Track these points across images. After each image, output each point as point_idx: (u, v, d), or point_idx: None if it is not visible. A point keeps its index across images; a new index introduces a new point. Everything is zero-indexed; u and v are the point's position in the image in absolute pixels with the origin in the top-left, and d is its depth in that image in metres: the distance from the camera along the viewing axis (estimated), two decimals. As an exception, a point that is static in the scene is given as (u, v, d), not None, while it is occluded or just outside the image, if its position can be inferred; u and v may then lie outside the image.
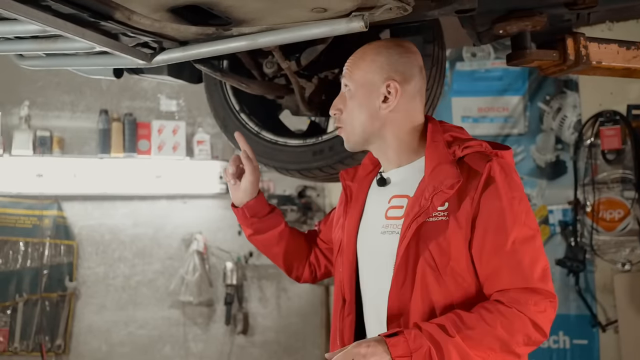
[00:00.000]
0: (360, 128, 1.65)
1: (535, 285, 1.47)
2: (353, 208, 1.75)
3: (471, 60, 4.61)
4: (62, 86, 4.43)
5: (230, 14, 1.52)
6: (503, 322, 1.43)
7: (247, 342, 4.87)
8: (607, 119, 4.08)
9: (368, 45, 1.69)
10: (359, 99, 1.65)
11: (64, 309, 4.29)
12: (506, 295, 1.46)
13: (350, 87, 1.67)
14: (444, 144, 1.60)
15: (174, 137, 4.61)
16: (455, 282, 1.51)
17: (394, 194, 1.65)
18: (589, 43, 1.91)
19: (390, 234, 1.60)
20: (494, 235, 1.49)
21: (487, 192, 1.50)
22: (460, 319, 1.44)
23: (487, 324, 1.43)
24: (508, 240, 1.48)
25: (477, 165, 1.53)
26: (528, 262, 1.48)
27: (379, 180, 1.71)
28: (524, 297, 1.45)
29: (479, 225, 1.50)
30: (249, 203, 1.88)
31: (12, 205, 4.20)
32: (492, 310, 1.45)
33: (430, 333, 1.41)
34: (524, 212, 1.52)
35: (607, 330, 4.00)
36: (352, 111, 1.66)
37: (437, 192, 1.51)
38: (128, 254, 4.58)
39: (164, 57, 1.76)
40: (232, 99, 2.40)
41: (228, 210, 4.84)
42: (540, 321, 1.45)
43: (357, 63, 1.66)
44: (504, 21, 1.79)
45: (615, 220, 4.06)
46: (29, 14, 1.38)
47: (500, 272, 1.48)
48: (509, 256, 1.48)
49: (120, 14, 1.50)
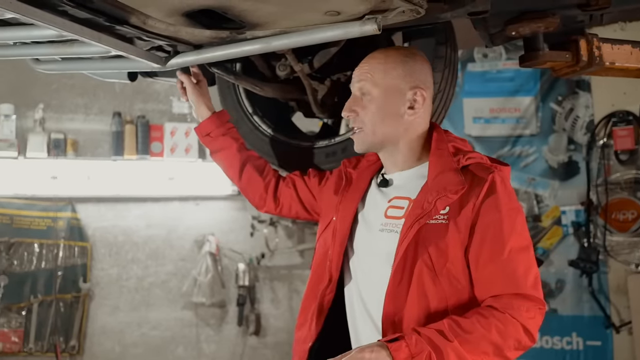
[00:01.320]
0: (381, 131, 1.69)
1: (528, 292, 1.53)
2: (351, 194, 1.79)
3: (483, 61, 4.60)
4: (76, 89, 4.47)
5: (244, 18, 1.53)
6: (498, 327, 1.49)
7: (259, 343, 4.88)
8: (620, 119, 4.06)
9: (386, 51, 1.73)
10: (382, 104, 1.68)
11: (78, 310, 4.32)
12: (500, 301, 1.52)
13: (371, 91, 1.68)
14: (448, 153, 1.66)
15: (186, 139, 4.63)
16: (450, 283, 1.56)
17: (395, 195, 1.71)
18: (602, 44, 1.90)
19: (389, 232, 1.66)
20: (491, 242, 1.55)
21: (488, 200, 1.57)
22: (457, 324, 1.49)
23: (483, 328, 1.48)
24: (505, 249, 1.54)
25: (480, 175, 1.60)
26: (522, 270, 1.55)
27: (381, 182, 1.75)
28: (516, 303, 1.51)
29: (478, 231, 1.56)
30: (201, 123, 2.13)
31: (27, 207, 4.24)
32: (487, 315, 1.50)
33: (429, 337, 1.46)
34: (520, 224, 1.60)
35: (621, 331, 3.99)
36: (374, 115, 1.68)
37: (441, 197, 1.57)
38: (141, 255, 4.61)
39: (178, 60, 1.78)
40: (245, 101, 2.41)
41: (240, 212, 4.91)
42: (531, 327, 1.52)
43: (379, 68, 1.69)
44: (516, 23, 1.78)
45: (628, 220, 4.04)
46: (47, 19, 1.40)
47: (495, 278, 1.55)
48: (505, 264, 1.54)
49: (135, 18, 1.52)
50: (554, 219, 4.32)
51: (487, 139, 4.59)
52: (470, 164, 1.64)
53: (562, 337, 4.22)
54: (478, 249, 1.56)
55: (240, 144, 2.11)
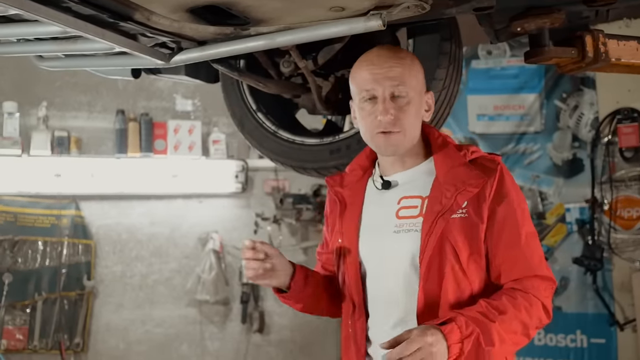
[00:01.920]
0: (414, 134, 1.71)
1: (543, 272, 1.65)
2: (349, 213, 1.78)
3: (487, 58, 4.59)
4: (79, 86, 4.47)
5: (249, 14, 1.53)
6: (526, 307, 1.58)
7: (263, 340, 4.88)
8: (625, 117, 4.04)
9: (408, 53, 1.77)
10: (417, 107, 1.70)
11: (82, 308, 4.32)
12: (521, 283, 1.62)
13: (409, 94, 1.67)
14: (453, 148, 1.72)
15: (189, 137, 4.63)
16: (476, 273, 1.63)
17: (403, 195, 1.71)
18: (607, 40, 1.89)
19: (406, 232, 1.66)
20: (509, 229, 1.64)
21: (501, 190, 1.64)
22: (492, 305, 1.56)
23: (514, 308, 1.56)
24: (522, 236, 1.64)
25: (487, 168, 1.66)
26: (537, 253, 1.67)
27: (382, 184, 1.75)
28: (535, 283, 1.62)
29: (495, 220, 1.63)
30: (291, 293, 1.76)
31: (31, 205, 4.24)
32: (515, 296, 1.59)
33: (476, 319, 1.52)
34: (527, 211, 1.71)
35: (625, 329, 3.97)
36: (413, 118, 1.69)
37: (461, 191, 1.62)
38: (145, 253, 4.61)
39: (182, 57, 1.77)
40: (249, 98, 2.41)
41: (244, 210, 4.92)
42: (549, 305, 1.63)
43: (411, 70, 1.69)
44: (521, 19, 1.78)
45: (633, 218, 4.03)
46: (50, 15, 1.40)
47: (515, 263, 1.63)
48: (523, 248, 1.64)
49: (139, 14, 1.51)
50: (558, 216, 4.31)
51: (491, 136, 4.58)
52: (476, 157, 1.70)
53: (567, 334, 4.21)
54: (497, 237, 1.63)
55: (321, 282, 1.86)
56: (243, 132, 2.44)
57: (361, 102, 1.69)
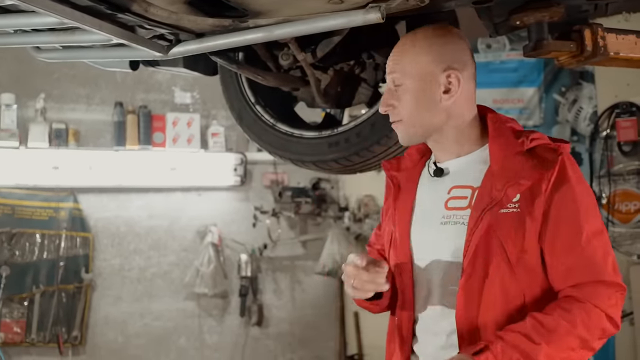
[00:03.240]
0: (420, 122, 1.59)
1: (608, 278, 1.46)
2: (403, 199, 1.69)
3: (486, 52, 4.58)
4: (77, 79, 4.46)
5: (247, 6, 1.52)
6: (583, 320, 1.42)
7: (261, 333, 4.89)
8: (623, 111, 4.03)
9: (414, 35, 1.62)
10: (417, 92, 1.58)
11: (80, 301, 4.32)
12: (580, 290, 1.45)
13: (404, 81, 1.59)
14: (511, 134, 1.57)
15: (188, 130, 4.63)
16: (527, 275, 1.49)
17: (454, 185, 1.60)
18: (606, 34, 1.88)
19: (453, 224, 1.56)
20: (567, 229, 1.47)
21: (560, 184, 1.48)
22: (540, 323, 1.42)
23: (568, 323, 1.41)
24: (582, 234, 1.47)
25: (547, 158, 1.51)
26: (601, 255, 1.48)
27: (435, 171, 1.65)
28: (597, 290, 1.45)
29: (552, 218, 1.48)
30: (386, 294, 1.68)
31: (29, 197, 4.24)
32: (569, 308, 1.43)
33: (515, 344, 1.39)
34: (593, 206, 1.52)
35: (623, 322, 3.97)
36: (410, 105, 1.58)
37: (512, 184, 1.48)
38: (143, 246, 4.61)
39: (180, 49, 1.76)
40: (248, 90, 2.39)
41: (243, 203, 4.91)
42: (614, 314, 1.45)
43: (408, 56, 1.59)
44: (521, 12, 1.76)
45: (631, 212, 4.03)
46: (47, 6, 1.39)
47: (574, 266, 1.47)
48: (583, 250, 1.46)
49: (137, 6, 1.50)
50: (557, 210, 4.31)
51: (490, 130, 4.57)
52: (536, 145, 1.53)
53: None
54: (553, 237, 1.48)
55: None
56: (242, 125, 2.43)
57: None
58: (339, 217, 5.04)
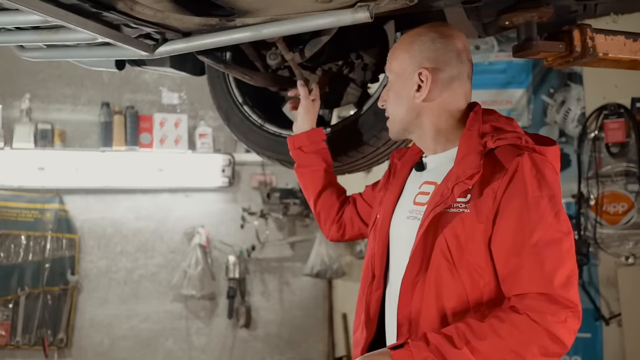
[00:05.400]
0: (398, 118, 1.67)
1: (555, 292, 1.39)
2: (393, 185, 1.76)
3: (474, 53, 4.57)
4: (63, 79, 4.42)
5: (234, 5, 1.50)
6: (514, 334, 1.37)
7: (249, 335, 4.86)
8: (611, 112, 4.05)
9: (407, 34, 1.69)
10: (396, 90, 1.67)
11: (66, 303, 4.28)
12: (522, 302, 1.40)
13: (390, 78, 1.69)
14: (477, 134, 1.56)
15: (176, 130, 4.60)
16: (471, 277, 1.47)
17: (425, 180, 1.66)
18: (595, 35, 1.88)
19: (413, 219, 1.60)
20: (514, 234, 1.43)
21: (512, 187, 1.45)
22: (470, 329, 1.39)
23: (498, 335, 1.37)
24: (530, 240, 1.41)
25: (505, 159, 1.48)
26: (550, 266, 1.40)
27: (417, 165, 1.72)
28: (540, 305, 1.38)
29: (501, 222, 1.45)
30: (297, 135, 2.06)
31: (14, 198, 4.20)
32: (504, 319, 1.39)
33: (436, 345, 1.39)
34: (552, 213, 1.44)
35: (611, 323, 3.99)
36: (392, 102, 1.69)
37: (458, 182, 1.48)
38: (130, 247, 4.58)
39: (166, 48, 1.74)
40: (235, 91, 2.38)
41: (230, 204, 4.89)
42: (559, 332, 1.38)
43: (394, 53, 1.68)
44: (510, 12, 1.76)
45: (619, 213, 4.04)
46: (31, 4, 1.37)
47: (519, 273, 1.42)
48: (529, 257, 1.41)
49: (122, 4, 1.48)
50: (545, 211, 4.31)
51: (479, 131, 4.57)
52: (499, 145, 1.52)
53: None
54: (501, 240, 1.44)
55: (328, 166, 2.08)
56: (229, 125, 2.42)
57: None
58: (327, 219, 5.03)
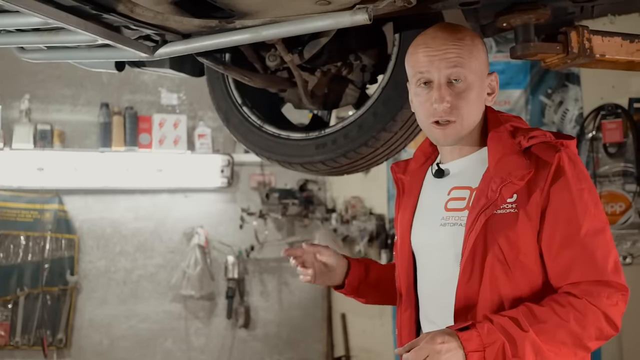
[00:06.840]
0: (472, 122, 1.55)
1: (608, 278, 1.43)
2: (407, 201, 1.70)
3: (473, 54, 4.59)
4: (62, 80, 4.43)
5: (234, 7, 1.51)
6: (576, 315, 1.39)
7: (248, 335, 4.87)
8: (609, 113, 4.06)
9: (467, 32, 1.58)
10: (477, 91, 1.54)
11: (65, 303, 4.29)
12: (578, 288, 1.42)
13: (468, 78, 1.53)
14: (507, 134, 1.55)
15: (175, 131, 4.61)
16: (524, 276, 1.47)
17: (454, 186, 1.60)
18: (592, 36, 1.89)
19: (451, 225, 1.55)
20: (564, 227, 1.45)
21: (557, 183, 1.47)
22: (532, 312, 1.40)
23: (560, 317, 1.39)
24: (580, 233, 1.44)
25: (545, 156, 1.49)
26: (600, 254, 1.44)
27: (436, 172, 1.64)
28: (596, 289, 1.41)
29: (549, 217, 1.46)
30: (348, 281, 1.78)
31: (13, 199, 4.20)
32: (564, 303, 1.41)
33: (503, 327, 1.37)
34: (594, 204, 1.49)
35: (609, 323, 4.01)
36: (473, 104, 1.54)
37: (506, 184, 1.46)
38: (129, 247, 4.58)
39: (166, 49, 1.75)
40: (235, 92, 2.38)
41: (229, 204, 4.90)
42: (613, 314, 1.42)
43: (470, 51, 1.53)
44: (507, 14, 1.77)
45: (616, 213, 4.05)
46: (31, 6, 1.38)
47: (572, 265, 1.44)
48: (580, 249, 1.44)
49: (122, 6, 1.49)
50: (543, 211, 4.32)
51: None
52: (534, 144, 1.51)
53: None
54: (551, 236, 1.46)
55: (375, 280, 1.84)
56: (228, 126, 2.42)
57: (416, 87, 1.57)
58: (326, 219, 5.04)
